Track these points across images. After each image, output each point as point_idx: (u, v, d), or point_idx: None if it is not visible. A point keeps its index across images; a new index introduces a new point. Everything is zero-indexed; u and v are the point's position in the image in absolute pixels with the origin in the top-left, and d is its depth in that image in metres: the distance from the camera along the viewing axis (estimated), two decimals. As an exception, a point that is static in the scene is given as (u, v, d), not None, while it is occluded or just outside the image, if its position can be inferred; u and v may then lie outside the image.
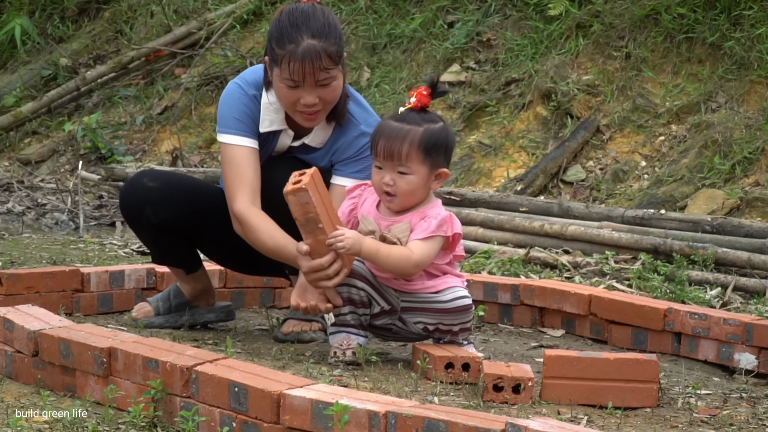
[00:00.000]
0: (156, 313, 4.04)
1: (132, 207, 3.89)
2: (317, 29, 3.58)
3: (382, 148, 3.45)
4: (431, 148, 3.44)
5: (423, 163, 3.44)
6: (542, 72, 7.25)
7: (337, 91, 3.66)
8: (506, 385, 3.17)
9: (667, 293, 4.85)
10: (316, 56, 3.56)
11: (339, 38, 3.64)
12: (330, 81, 3.62)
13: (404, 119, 3.47)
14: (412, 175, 3.44)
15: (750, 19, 6.74)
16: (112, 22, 9.52)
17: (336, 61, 3.62)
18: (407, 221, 3.48)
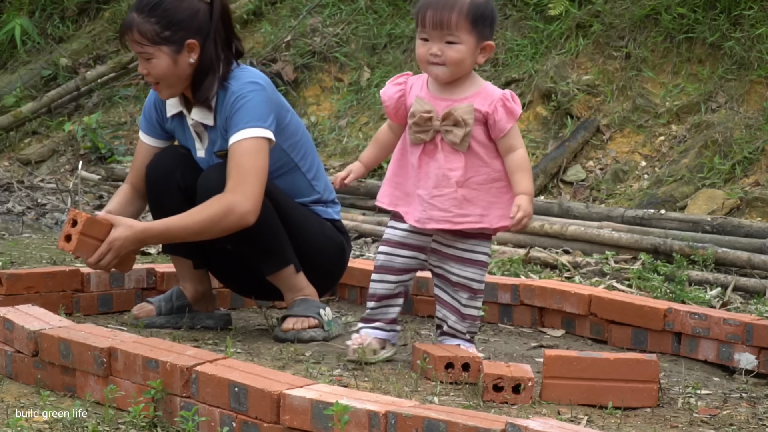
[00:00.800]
0: (158, 312, 4.05)
1: (163, 169, 3.95)
2: (143, 5, 3.79)
3: (430, 18, 3.44)
4: (479, 18, 3.45)
5: (471, 33, 3.45)
6: (542, 72, 7.25)
7: (161, 67, 3.79)
8: (506, 385, 3.17)
9: (667, 293, 4.85)
10: (128, 28, 3.80)
11: (167, 20, 3.78)
12: (149, 57, 3.80)
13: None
14: (461, 44, 3.45)
15: (750, 19, 6.74)
16: (112, 22, 9.52)
17: (151, 40, 3.77)
18: (470, 103, 3.49)
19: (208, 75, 3.84)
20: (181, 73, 3.82)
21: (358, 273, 4.65)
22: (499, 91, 3.53)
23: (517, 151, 3.52)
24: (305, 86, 8.23)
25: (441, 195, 3.52)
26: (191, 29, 3.80)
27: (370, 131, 7.65)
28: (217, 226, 3.71)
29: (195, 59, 3.82)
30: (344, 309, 4.57)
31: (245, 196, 3.71)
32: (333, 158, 7.63)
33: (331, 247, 4.04)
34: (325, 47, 8.26)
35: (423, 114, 3.51)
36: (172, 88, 3.85)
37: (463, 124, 3.48)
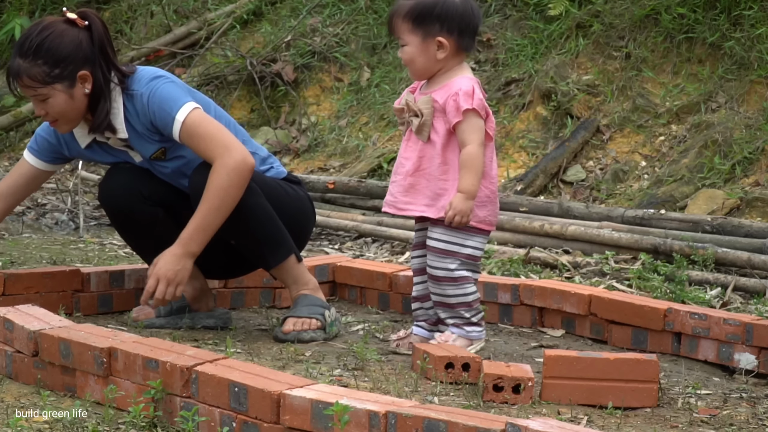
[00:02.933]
0: (157, 314, 4.05)
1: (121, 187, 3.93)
2: (24, 50, 3.75)
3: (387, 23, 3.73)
4: (419, 16, 3.60)
5: (414, 33, 3.62)
6: (542, 72, 7.25)
7: (59, 105, 3.77)
8: (506, 385, 3.17)
9: (667, 293, 4.85)
10: (16, 75, 3.76)
11: (52, 59, 3.73)
12: (44, 98, 3.76)
13: None
14: (407, 45, 3.64)
15: (750, 19, 6.74)
16: (112, 22, 9.51)
17: (42, 81, 3.74)
18: (430, 95, 3.64)
19: (100, 101, 3.82)
20: (79, 106, 3.80)
21: (358, 273, 4.65)
22: (458, 86, 3.62)
23: (467, 147, 3.60)
24: (305, 86, 8.23)
25: (395, 181, 3.75)
26: (79, 61, 3.77)
27: (370, 131, 7.65)
28: (230, 189, 3.71)
29: (89, 88, 3.79)
30: (344, 309, 4.58)
31: (228, 149, 3.72)
32: (333, 158, 7.62)
33: (302, 206, 4.07)
34: (325, 47, 8.26)
35: (397, 106, 3.74)
36: (71, 122, 3.84)
37: (420, 114, 3.64)
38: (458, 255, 3.66)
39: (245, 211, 3.79)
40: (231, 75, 8.47)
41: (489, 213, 3.69)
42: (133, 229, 4.01)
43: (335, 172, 7.45)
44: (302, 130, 7.98)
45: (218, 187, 3.70)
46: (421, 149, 3.66)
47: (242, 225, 3.81)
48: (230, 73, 8.48)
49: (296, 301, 3.96)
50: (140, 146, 3.88)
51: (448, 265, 3.66)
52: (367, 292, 4.65)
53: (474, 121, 3.59)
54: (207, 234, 3.75)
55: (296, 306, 3.94)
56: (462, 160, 3.59)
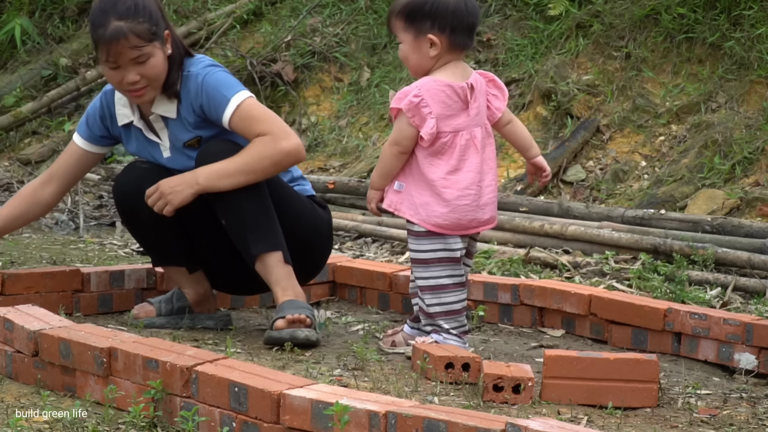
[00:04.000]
0: (158, 313, 4.04)
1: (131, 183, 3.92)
2: (123, 11, 3.73)
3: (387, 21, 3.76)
4: (410, 14, 3.63)
5: (407, 31, 3.65)
6: (542, 72, 7.25)
7: (157, 66, 3.77)
8: (506, 385, 3.17)
9: (667, 293, 4.85)
10: (123, 35, 3.71)
11: (150, 16, 3.75)
12: (146, 58, 3.75)
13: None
14: (402, 43, 3.68)
15: (750, 19, 6.74)
16: (112, 22, 9.51)
17: (147, 39, 3.74)
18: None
19: (174, 64, 3.84)
20: (166, 68, 3.82)
21: (358, 273, 4.65)
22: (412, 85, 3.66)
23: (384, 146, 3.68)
24: (305, 86, 8.23)
25: None
26: (163, 20, 3.82)
27: (370, 131, 7.65)
28: (271, 165, 3.74)
29: (170, 50, 3.83)
30: (344, 309, 4.58)
31: (286, 133, 3.76)
32: (333, 158, 7.62)
33: (322, 226, 4.05)
34: (325, 47, 8.26)
35: None
36: (157, 89, 3.84)
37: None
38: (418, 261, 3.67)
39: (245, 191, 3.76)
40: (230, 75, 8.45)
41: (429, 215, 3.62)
42: (138, 227, 4.01)
43: (335, 172, 7.45)
44: (302, 130, 7.98)
45: (260, 154, 3.74)
46: None
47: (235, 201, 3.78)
48: (230, 73, 8.47)
49: (280, 306, 3.82)
50: (177, 131, 3.87)
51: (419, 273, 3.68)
52: (367, 292, 4.65)
53: (399, 119, 3.62)
54: (222, 181, 3.75)
55: (282, 310, 3.80)
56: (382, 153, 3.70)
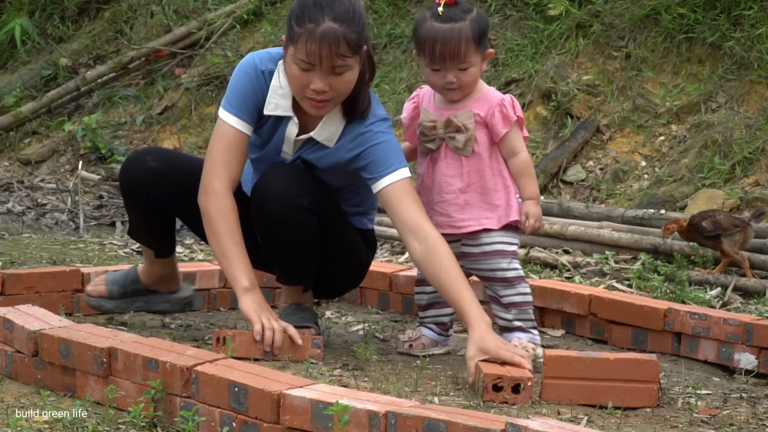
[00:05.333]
0: (109, 296, 3.94)
1: (129, 182, 3.80)
2: (341, 13, 3.40)
3: (440, 52, 3.57)
4: (480, 36, 3.59)
5: (477, 53, 3.60)
6: (542, 72, 7.25)
7: (350, 82, 3.47)
8: (506, 385, 3.17)
9: (667, 293, 4.85)
10: (334, 40, 3.38)
11: (362, 27, 3.44)
12: (344, 70, 3.44)
13: (447, 18, 3.58)
14: (472, 67, 3.60)
15: (750, 19, 6.73)
16: (112, 22, 9.51)
17: (354, 51, 3.43)
18: (468, 109, 3.64)
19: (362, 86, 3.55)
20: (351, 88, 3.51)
21: (358, 273, 4.65)
22: (498, 97, 3.66)
23: (518, 156, 3.66)
24: (305, 86, 8.22)
25: (443, 201, 3.68)
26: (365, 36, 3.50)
27: (370, 131, 7.65)
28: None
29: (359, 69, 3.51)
30: (344, 309, 4.58)
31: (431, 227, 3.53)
32: (333, 158, 7.62)
33: (360, 264, 3.87)
34: (325, 47, 8.26)
35: (427, 123, 3.68)
36: (338, 104, 3.54)
37: (464, 129, 3.63)
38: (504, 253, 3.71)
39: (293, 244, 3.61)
40: (231, 75, 8.45)
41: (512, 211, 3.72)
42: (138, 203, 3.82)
43: (335, 172, 7.44)
44: (302, 130, 7.98)
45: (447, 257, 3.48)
46: (467, 164, 3.66)
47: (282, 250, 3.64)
48: (230, 73, 8.45)
49: (285, 312, 3.82)
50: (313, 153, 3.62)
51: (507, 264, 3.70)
52: (367, 292, 4.65)
53: (517, 129, 3.66)
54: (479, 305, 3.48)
55: (286, 315, 3.79)
56: (520, 169, 3.67)
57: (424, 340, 3.79)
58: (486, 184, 3.66)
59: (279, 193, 3.54)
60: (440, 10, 3.59)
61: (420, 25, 3.62)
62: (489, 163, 3.66)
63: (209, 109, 8.43)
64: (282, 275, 3.81)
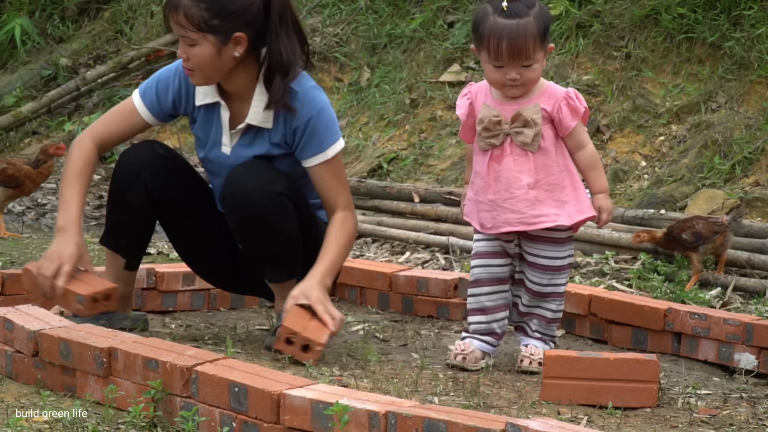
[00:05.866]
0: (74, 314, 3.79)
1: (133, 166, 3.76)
2: None
3: (506, 49, 3.50)
4: (544, 32, 3.54)
5: (542, 49, 3.55)
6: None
7: (200, 57, 3.59)
8: (297, 342, 3.41)
9: (667, 293, 4.85)
10: (174, 8, 3.65)
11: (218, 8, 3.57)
12: (191, 42, 3.61)
13: (512, 13, 3.51)
14: (536, 63, 3.54)
15: (750, 19, 6.73)
16: (112, 22, 9.51)
17: (197, 26, 3.59)
18: (536, 103, 3.58)
19: (276, 75, 3.67)
20: (222, 66, 3.62)
21: (358, 273, 4.65)
22: (563, 90, 3.62)
23: (586, 149, 3.62)
24: (305, 86, 8.22)
25: (513, 197, 3.59)
26: (242, 21, 3.60)
27: (370, 131, 7.65)
28: (351, 244, 3.74)
29: (240, 53, 3.62)
30: (344, 309, 4.58)
31: (351, 206, 3.74)
32: (333, 158, 7.62)
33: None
34: (325, 47, 8.26)
35: (492, 118, 3.59)
36: (207, 79, 3.67)
37: (532, 124, 3.56)
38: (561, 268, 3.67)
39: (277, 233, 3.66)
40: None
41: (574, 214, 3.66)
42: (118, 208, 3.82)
43: (335, 172, 7.44)
44: (302, 130, 7.98)
45: (348, 237, 3.69)
46: (535, 160, 3.59)
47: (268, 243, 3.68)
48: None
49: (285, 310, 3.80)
50: (256, 140, 3.73)
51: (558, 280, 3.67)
52: (367, 292, 4.65)
53: (581, 123, 3.62)
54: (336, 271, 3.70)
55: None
56: (590, 162, 3.63)
57: (477, 354, 3.64)
58: (553, 180, 3.59)
59: (253, 186, 3.61)
60: (505, 5, 3.51)
61: (482, 20, 3.54)
62: (555, 159, 3.59)
63: (209, 109, 8.44)
64: (273, 273, 3.79)
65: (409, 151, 7.35)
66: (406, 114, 7.59)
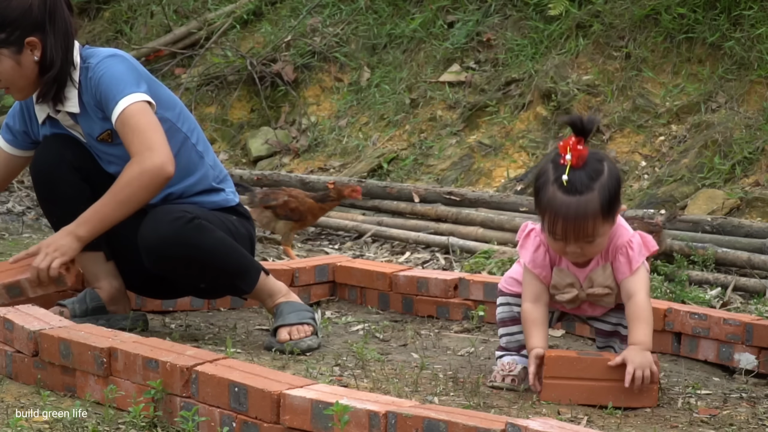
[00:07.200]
0: (72, 315, 3.86)
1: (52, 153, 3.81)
2: None
3: (562, 229, 3.19)
4: (610, 205, 3.19)
5: (607, 222, 3.21)
6: (542, 72, 7.25)
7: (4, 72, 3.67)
8: None
9: (667, 293, 4.85)
10: None
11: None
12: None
13: (573, 189, 3.17)
14: (600, 238, 3.22)
15: (750, 19, 6.74)
16: (112, 22, 9.52)
17: None
18: (605, 264, 3.31)
19: (51, 69, 3.70)
20: (28, 74, 3.69)
21: (358, 273, 4.65)
22: (626, 237, 3.31)
23: (635, 298, 3.29)
24: (305, 86, 8.23)
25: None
26: (27, 27, 3.66)
27: (370, 131, 7.65)
28: (138, 189, 3.60)
29: (39, 56, 3.67)
30: (344, 309, 4.58)
31: (151, 150, 3.61)
32: (333, 158, 7.62)
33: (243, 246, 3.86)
34: (325, 47, 8.26)
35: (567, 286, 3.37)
36: (24, 90, 3.74)
37: (609, 289, 3.35)
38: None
39: (208, 255, 3.67)
40: (231, 75, 8.46)
41: None
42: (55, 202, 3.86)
43: (335, 172, 7.45)
44: (302, 130, 7.98)
45: (127, 183, 3.60)
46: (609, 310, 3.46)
47: (209, 270, 3.70)
48: (230, 73, 8.48)
49: (279, 310, 3.82)
50: (87, 125, 3.77)
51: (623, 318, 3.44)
52: (367, 292, 4.65)
53: (639, 271, 3.30)
54: (103, 224, 3.65)
55: (282, 314, 3.80)
56: (633, 313, 3.27)
57: (524, 373, 3.39)
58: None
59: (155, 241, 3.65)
60: (565, 178, 3.16)
61: (542, 188, 3.22)
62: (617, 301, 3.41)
63: (209, 109, 8.44)
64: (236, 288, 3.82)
65: (409, 151, 7.35)
66: (406, 114, 7.59)
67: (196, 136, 3.94)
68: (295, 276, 4.53)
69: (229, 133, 8.29)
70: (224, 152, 8.19)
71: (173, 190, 3.81)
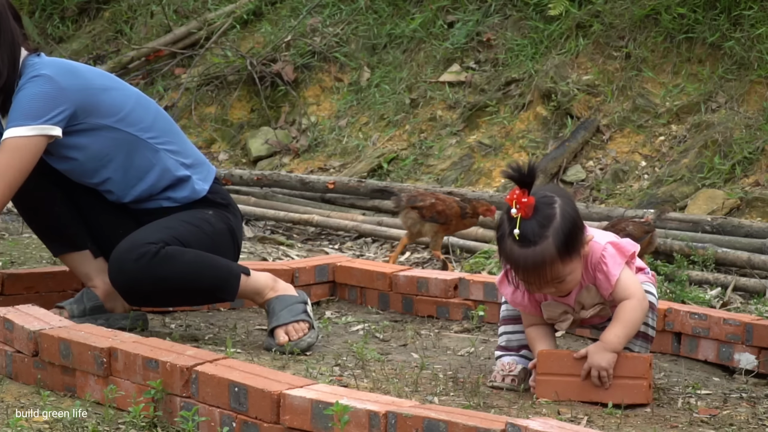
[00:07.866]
0: (71, 315, 3.85)
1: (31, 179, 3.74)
2: None
3: (527, 280, 3.21)
4: (568, 244, 3.17)
5: (572, 260, 3.20)
6: (542, 72, 7.25)
7: None
8: None
9: (667, 293, 4.85)
10: None
11: None
12: None
13: (525, 240, 3.15)
14: (570, 274, 3.21)
15: (750, 19, 6.74)
16: (112, 22, 9.52)
17: None
18: (588, 286, 3.31)
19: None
20: None
21: (358, 273, 4.65)
22: (598, 254, 3.29)
23: (624, 302, 3.28)
24: (305, 86, 8.23)
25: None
26: None
27: (370, 131, 7.65)
28: None
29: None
30: (344, 309, 4.58)
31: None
32: (333, 158, 7.62)
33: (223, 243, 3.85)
34: (325, 47, 8.26)
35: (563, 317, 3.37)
36: None
37: (602, 304, 3.35)
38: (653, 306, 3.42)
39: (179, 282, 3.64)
40: (231, 75, 8.47)
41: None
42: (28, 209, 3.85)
43: (335, 172, 7.45)
44: (302, 130, 7.98)
45: None
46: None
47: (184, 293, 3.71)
48: (230, 73, 8.48)
49: (271, 308, 3.78)
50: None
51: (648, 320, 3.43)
52: (367, 292, 4.64)
53: (624, 279, 3.28)
54: None
55: (275, 313, 3.76)
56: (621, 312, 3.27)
57: (524, 373, 3.41)
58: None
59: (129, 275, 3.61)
60: (516, 232, 3.15)
61: (501, 241, 3.23)
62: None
63: (209, 109, 8.44)
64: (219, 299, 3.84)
65: (409, 151, 7.35)
66: (406, 114, 7.59)
67: (155, 131, 3.81)
68: (295, 276, 4.53)
69: (229, 133, 8.29)
70: (224, 152, 8.19)
71: (139, 193, 3.79)
